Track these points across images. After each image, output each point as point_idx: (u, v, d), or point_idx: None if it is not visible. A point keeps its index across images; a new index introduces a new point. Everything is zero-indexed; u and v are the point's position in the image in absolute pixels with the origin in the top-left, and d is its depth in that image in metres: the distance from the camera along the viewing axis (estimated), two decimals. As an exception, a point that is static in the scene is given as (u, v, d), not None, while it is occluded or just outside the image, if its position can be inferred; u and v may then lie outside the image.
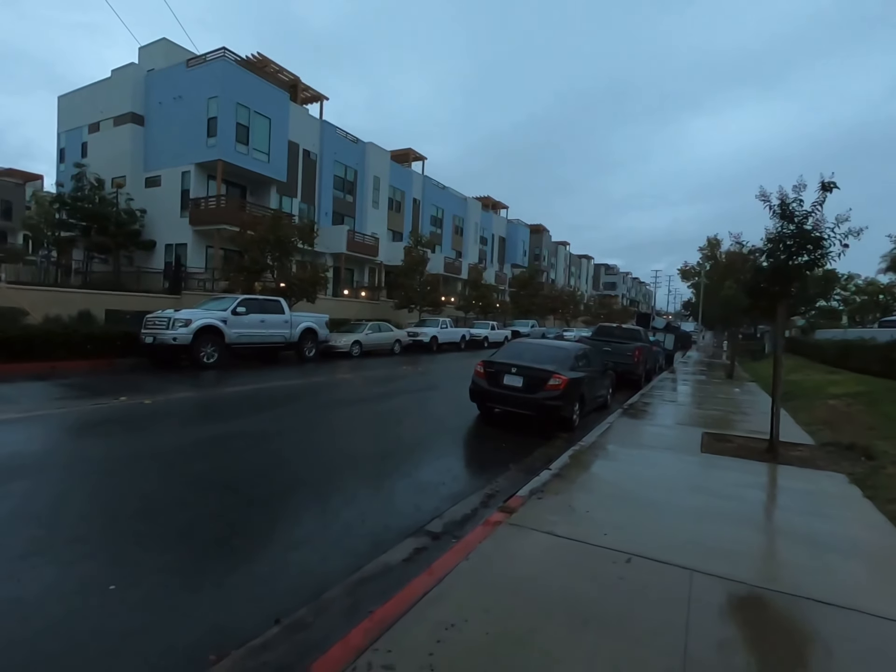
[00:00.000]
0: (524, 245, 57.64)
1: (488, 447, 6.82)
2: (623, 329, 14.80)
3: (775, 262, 6.21)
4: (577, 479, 5.07)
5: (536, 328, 35.91)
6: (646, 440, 7.09)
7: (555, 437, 7.45)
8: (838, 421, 8.14)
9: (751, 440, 7.16)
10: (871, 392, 9.70)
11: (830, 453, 6.46)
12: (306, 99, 30.03)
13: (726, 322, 21.28)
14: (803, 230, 6.03)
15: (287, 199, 27.22)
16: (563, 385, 7.28)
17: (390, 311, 28.97)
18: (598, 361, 9.52)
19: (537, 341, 8.95)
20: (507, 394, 7.55)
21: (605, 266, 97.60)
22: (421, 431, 7.39)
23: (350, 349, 17.91)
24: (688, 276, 51.93)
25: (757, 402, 11.40)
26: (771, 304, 6.51)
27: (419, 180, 39.55)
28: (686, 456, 6.19)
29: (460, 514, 4.35)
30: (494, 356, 8.25)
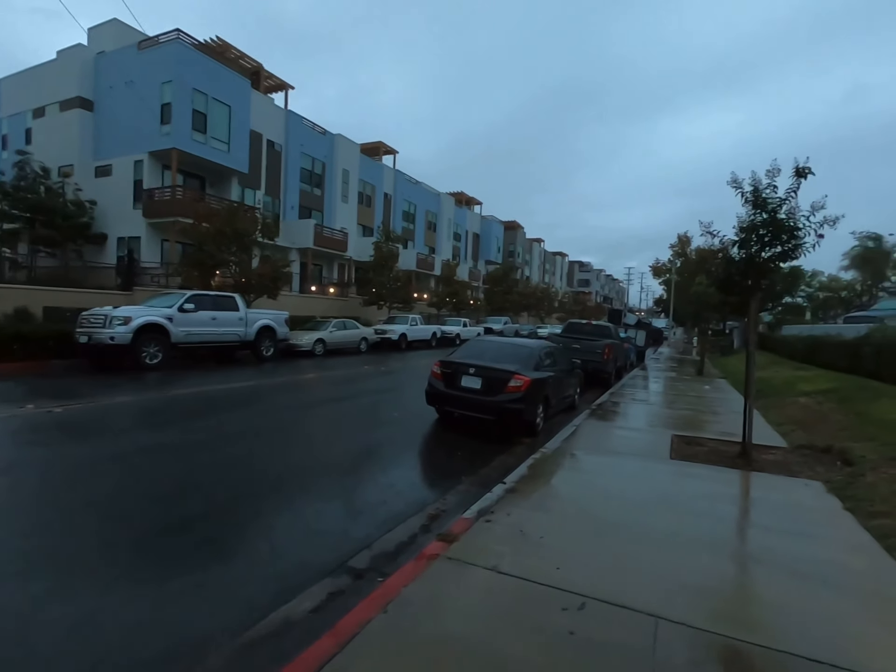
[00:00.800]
0: (498, 242, 57.29)
1: (442, 456, 6.22)
2: (593, 326, 14.41)
3: (748, 254, 5.77)
4: (533, 494, 4.51)
5: (510, 325, 35.55)
6: (613, 445, 6.60)
7: (517, 442, 6.90)
8: (811, 420, 7.83)
9: (722, 443, 6.75)
10: (842, 389, 9.48)
11: (805, 457, 6.08)
12: (270, 88, 28.85)
13: (696, 318, 21.23)
14: (777, 219, 5.60)
15: (250, 191, 26.07)
16: (524, 386, 6.73)
17: (359, 308, 28.14)
18: (565, 360, 9.03)
19: (499, 339, 8.40)
20: (464, 396, 6.96)
21: (579, 263, 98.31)
22: (373, 439, 6.74)
23: (312, 348, 17.09)
24: (659, 273, 52.48)
25: (727, 400, 11.12)
26: (743, 297, 6.09)
27: (390, 174, 38.69)
28: (654, 463, 5.71)
29: (395, 542, 3.73)
30: (452, 355, 7.66)
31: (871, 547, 3.57)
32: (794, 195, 5.59)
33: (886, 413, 7.17)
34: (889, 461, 5.05)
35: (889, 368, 9.94)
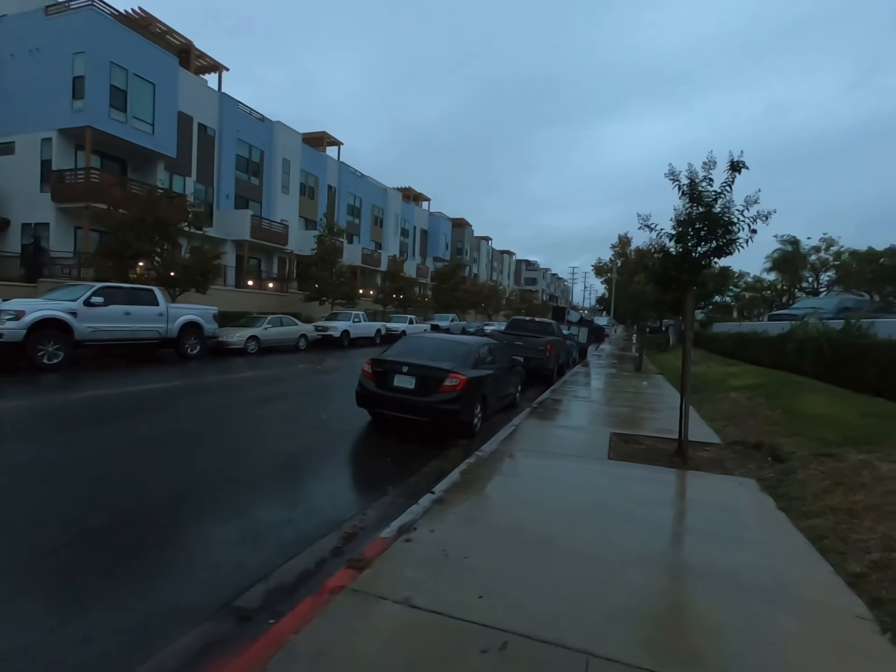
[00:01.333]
0: (446, 239, 57.09)
1: (369, 463, 5.72)
2: (536, 322, 14.33)
3: (685, 248, 5.66)
4: (462, 505, 4.11)
5: (456, 322, 35.32)
6: (551, 445, 6.34)
7: (453, 445, 6.51)
8: (741, 416, 7.96)
9: (659, 441, 6.66)
10: (769, 384, 9.80)
11: (738, 453, 6.07)
12: (202, 68, 27.00)
13: (635, 316, 21.82)
14: (712, 213, 5.50)
15: (179, 177, 24.26)
16: (460, 385, 6.34)
17: (300, 303, 26.96)
18: (505, 357, 8.75)
19: (437, 336, 7.98)
20: (397, 397, 6.48)
21: (526, 262, 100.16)
22: (293, 446, 6.12)
23: (245, 346, 16.01)
24: (601, 273, 54.28)
25: (664, 395, 11.29)
26: (680, 293, 5.99)
27: (335, 166, 37.46)
28: (592, 465, 5.48)
29: (299, 570, 3.21)
30: (385, 353, 7.16)
31: (807, 551, 3.42)
32: (729, 189, 5.52)
33: (810, 407, 7.37)
34: (817, 457, 5.05)
35: (810, 363, 10.39)
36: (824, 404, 7.41)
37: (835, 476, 4.47)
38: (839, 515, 3.78)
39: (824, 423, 6.43)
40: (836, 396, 7.92)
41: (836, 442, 5.49)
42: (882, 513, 3.68)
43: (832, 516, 3.80)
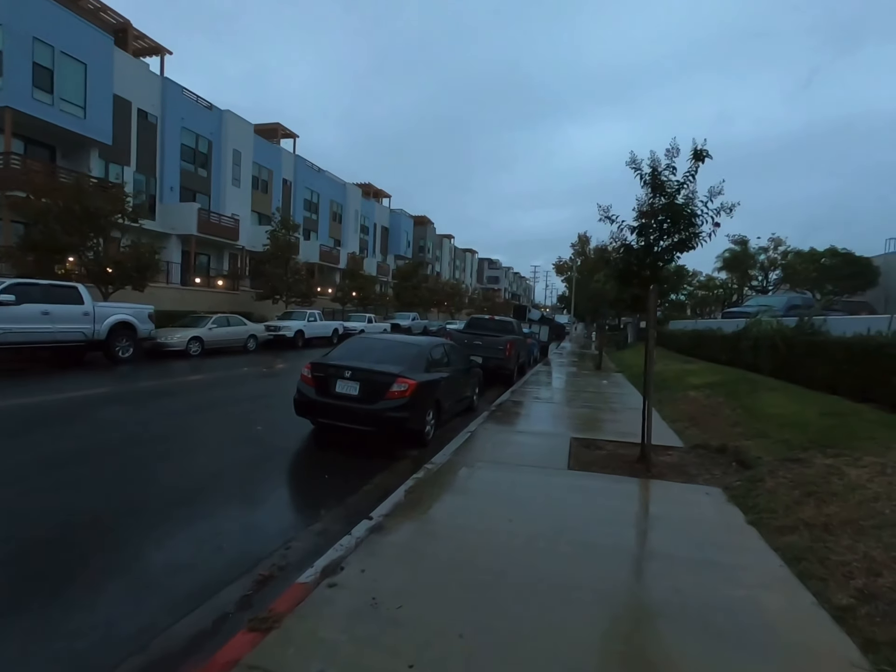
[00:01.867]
0: (408, 236, 56.33)
1: (306, 481, 5.09)
2: (496, 321, 13.94)
3: (647, 242, 5.30)
4: (403, 534, 3.56)
5: (418, 321, 34.76)
6: (508, 454, 5.88)
7: (402, 457, 5.95)
8: (702, 416, 7.76)
9: (621, 445, 6.32)
10: (727, 382, 9.74)
11: (701, 457, 5.79)
12: (142, 50, 25.26)
13: (595, 314, 21.88)
14: (675, 205, 5.17)
15: (116, 166, 22.57)
16: (410, 391, 5.78)
17: (252, 302, 25.69)
18: (461, 358, 8.25)
19: (385, 336, 7.38)
20: (339, 405, 5.85)
21: (489, 260, 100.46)
22: (218, 464, 5.40)
23: (187, 347, 14.88)
24: (562, 271, 54.87)
25: (624, 395, 11.11)
26: (642, 288, 5.64)
27: (290, 159, 36.06)
28: (552, 477, 5.04)
29: (189, 634, 2.57)
30: (327, 356, 6.52)
31: (785, 577, 3.06)
32: (693, 179, 5.20)
33: (770, 406, 7.23)
34: (783, 463, 4.79)
35: (765, 360, 10.42)
36: (784, 403, 7.29)
37: (805, 484, 4.18)
38: (814, 531, 3.46)
39: (786, 423, 6.26)
40: (794, 394, 7.84)
41: (801, 445, 5.27)
42: (859, 528, 3.37)
43: (807, 532, 3.47)
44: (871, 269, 30.84)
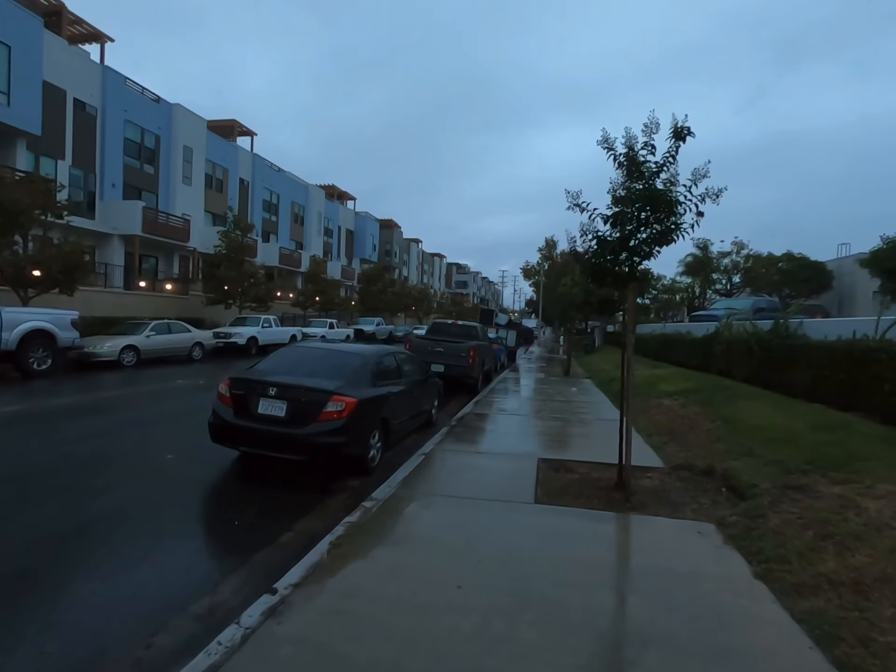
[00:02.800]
0: (374, 240, 55.14)
1: (208, 530, 4.07)
2: (459, 326, 13.10)
3: (623, 234, 4.54)
4: (310, 619, 2.62)
5: (383, 326, 33.71)
6: (466, 483, 5.00)
7: (339, 489, 4.99)
8: (679, 428, 7.10)
9: (595, 467, 5.55)
10: (701, 389, 9.18)
11: (685, 481, 5.06)
12: (79, 36, 23.42)
13: (563, 317, 21.36)
14: (654, 190, 4.43)
15: (48, 160, 20.69)
16: (347, 411, 4.83)
17: (204, 307, 24.06)
18: (417, 368, 7.35)
19: (323, 345, 6.39)
20: (261, 429, 4.84)
21: (457, 265, 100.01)
22: (104, 504, 4.30)
23: (119, 357, 13.43)
24: (529, 275, 54.77)
25: (594, 403, 10.44)
26: (618, 287, 4.90)
27: (248, 158, 34.46)
28: (515, 514, 4.19)
29: None
30: (251, 370, 5.51)
31: (818, 667, 2.28)
32: (673, 160, 4.48)
33: (752, 417, 6.62)
34: (783, 491, 4.09)
35: (738, 366, 9.96)
36: (766, 413, 6.69)
37: (817, 523, 3.47)
38: (843, 594, 2.71)
39: (774, 438, 5.62)
40: (774, 403, 7.28)
41: (797, 467, 4.61)
42: (900, 588, 2.64)
43: (834, 594, 2.73)
44: (826, 273, 31.70)
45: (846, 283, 31.81)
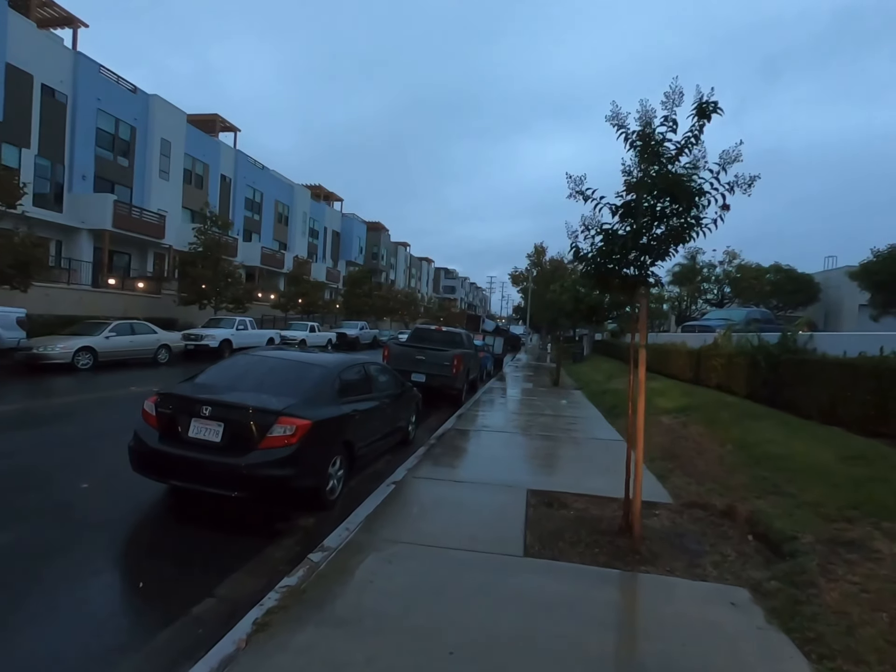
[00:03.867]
0: (361, 242, 54.14)
1: (101, 598, 3.13)
2: (443, 332, 12.25)
3: (635, 228, 3.76)
4: None
5: (367, 330, 32.68)
6: (440, 524, 4.15)
7: (286, 531, 4.11)
8: (684, 452, 6.34)
9: (593, 502, 4.75)
10: (702, 406, 8.47)
11: (701, 524, 4.27)
12: (49, 20, 22.32)
13: (553, 325, 20.65)
14: (673, 176, 3.67)
15: (11, 147, 19.48)
16: (298, 435, 3.95)
17: (177, 307, 22.86)
18: (391, 381, 6.48)
19: (279, 354, 5.48)
20: (191, 458, 3.93)
21: (445, 270, 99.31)
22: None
23: (73, 360, 12.32)
24: (518, 281, 54.22)
25: (587, 419, 9.67)
26: (626, 292, 4.12)
27: (230, 154, 33.35)
28: (499, 574, 3.34)
29: None
30: (186, 383, 4.61)
31: None
32: (696, 141, 3.72)
33: (767, 443, 5.88)
34: (832, 548, 3.31)
35: (739, 380, 9.28)
36: (782, 438, 5.96)
37: (890, 597, 2.68)
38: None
39: (799, 469, 4.87)
40: (788, 426, 6.56)
41: (839, 512, 3.84)
42: None
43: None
44: (813, 285, 31.55)
45: (833, 295, 31.70)
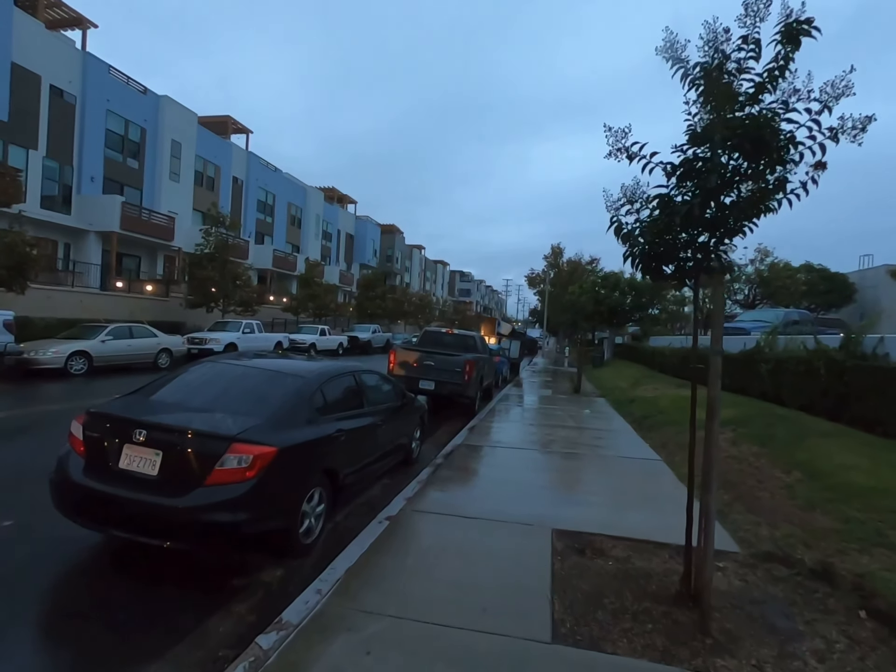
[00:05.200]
0: (375, 244, 53.58)
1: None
2: (454, 336, 11.30)
3: (704, 192, 2.78)
4: None
5: (380, 334, 31.90)
6: (441, 588, 3.20)
7: (249, 585, 3.21)
8: (741, 478, 5.29)
9: (635, 548, 3.75)
10: (750, 420, 7.37)
11: (783, 584, 3.24)
12: (59, 21, 22.10)
13: (573, 327, 19.56)
14: (762, 117, 2.67)
15: (18, 149, 19.19)
16: (258, 467, 3.05)
17: (184, 311, 22.35)
18: (389, 392, 5.56)
19: (250, 362, 4.59)
20: (119, 496, 3.06)
21: (461, 273, 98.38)
22: None
23: (66, 365, 11.71)
24: (534, 284, 53.09)
25: (614, 432, 8.64)
26: (685, 278, 3.15)
27: (242, 156, 33.00)
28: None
29: None
30: (125, 398, 3.76)
31: None
32: (781, 75, 2.72)
33: (847, 471, 4.79)
34: None
35: (791, 390, 8.14)
36: (868, 464, 4.86)
37: None
38: None
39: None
40: (870, 447, 5.44)
41: None
42: None
43: None
44: (847, 285, 29.79)
45: (869, 296, 29.89)
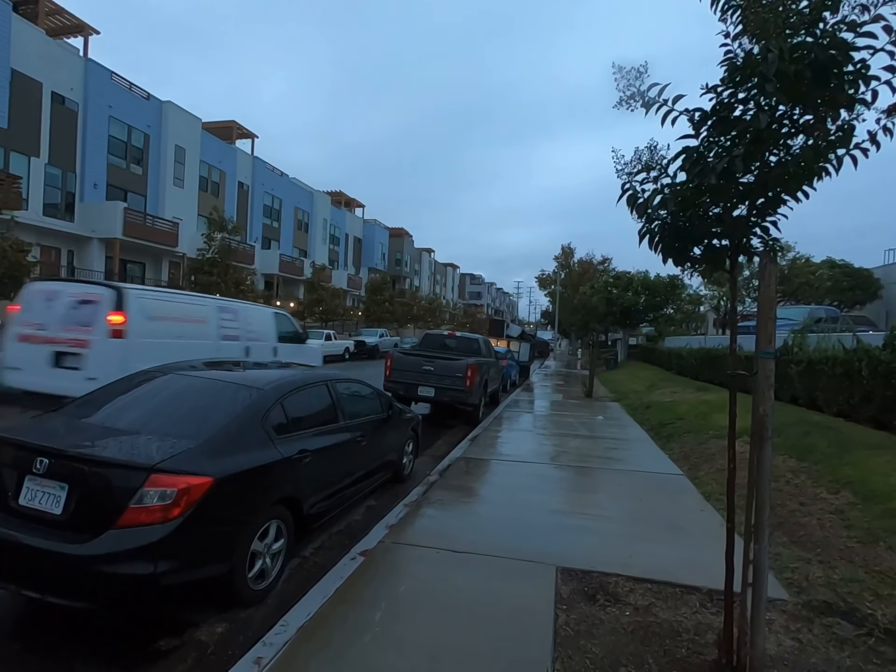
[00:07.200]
0: (383, 248, 53.21)
1: None
2: (456, 339, 10.64)
3: (755, 135, 2.11)
4: None
5: (388, 338, 31.37)
6: (416, 655, 2.56)
7: (180, 646, 2.60)
8: (781, 500, 4.56)
9: (661, 594, 3.08)
10: (782, 428, 6.60)
11: (848, 646, 2.54)
12: (60, 28, 22.02)
13: (585, 328, 18.81)
14: (820, 46, 2.01)
15: (20, 156, 19.04)
16: (184, 503, 2.45)
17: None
18: (371, 403, 4.94)
19: (201, 371, 3.97)
20: (14, 541, 2.47)
21: (471, 276, 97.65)
22: None
23: (55, 374, 11.29)
24: (545, 285, 52.22)
25: (630, 441, 7.92)
26: (721, 262, 2.46)
27: (247, 161, 32.82)
28: None
29: None
30: (31, 421, 3.19)
31: None
32: None
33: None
34: None
35: (827, 394, 7.36)
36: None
37: None
38: None
39: None
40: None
41: None
42: None
43: None
44: (872, 281, 28.55)
45: (895, 291, 28.63)
